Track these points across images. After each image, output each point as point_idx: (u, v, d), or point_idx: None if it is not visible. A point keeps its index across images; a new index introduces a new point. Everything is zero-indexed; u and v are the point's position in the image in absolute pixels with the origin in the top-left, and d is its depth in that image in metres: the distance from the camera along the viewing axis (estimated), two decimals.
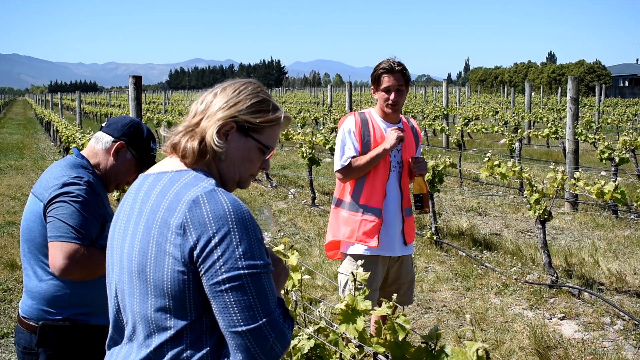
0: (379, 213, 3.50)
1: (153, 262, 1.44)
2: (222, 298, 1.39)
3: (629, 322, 4.84)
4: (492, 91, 79.51)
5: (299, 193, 10.99)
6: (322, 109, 27.39)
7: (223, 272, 1.38)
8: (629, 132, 10.97)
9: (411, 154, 3.63)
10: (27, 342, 2.30)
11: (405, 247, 3.63)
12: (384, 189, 3.52)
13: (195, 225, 1.40)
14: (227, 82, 1.64)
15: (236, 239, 1.40)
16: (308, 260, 6.78)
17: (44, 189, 2.27)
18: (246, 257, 1.40)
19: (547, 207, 5.64)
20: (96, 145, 2.43)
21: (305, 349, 2.18)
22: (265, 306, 1.41)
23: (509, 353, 4.42)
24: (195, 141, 1.54)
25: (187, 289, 1.43)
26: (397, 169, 3.58)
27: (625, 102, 36.89)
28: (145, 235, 1.46)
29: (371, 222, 3.50)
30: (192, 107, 1.61)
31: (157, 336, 1.46)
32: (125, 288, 1.51)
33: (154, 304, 1.45)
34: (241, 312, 1.38)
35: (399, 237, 3.58)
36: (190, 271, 1.42)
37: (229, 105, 1.56)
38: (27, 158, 17.70)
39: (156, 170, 1.58)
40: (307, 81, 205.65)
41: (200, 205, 1.42)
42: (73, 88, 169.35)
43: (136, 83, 5.69)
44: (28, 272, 2.33)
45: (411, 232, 3.66)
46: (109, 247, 1.62)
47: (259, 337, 1.39)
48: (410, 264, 3.73)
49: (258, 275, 1.41)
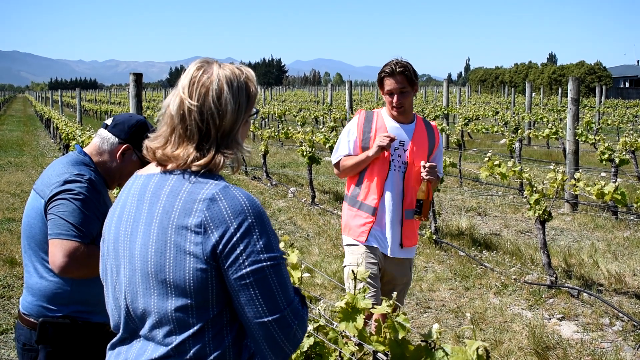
0: (374, 211, 3.49)
1: (172, 263, 1.45)
2: (247, 290, 1.43)
3: (627, 323, 4.85)
4: (492, 91, 79.51)
5: (298, 192, 10.99)
6: (322, 108, 27.40)
7: (247, 265, 1.42)
8: (629, 134, 10.97)
9: (422, 156, 3.52)
10: (27, 339, 2.30)
11: (402, 249, 3.55)
12: (381, 188, 3.49)
13: (215, 223, 1.43)
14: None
15: (256, 233, 1.44)
16: (308, 258, 6.78)
17: (45, 186, 2.26)
18: (267, 250, 1.45)
19: (546, 207, 5.64)
20: (101, 145, 2.42)
21: (304, 346, 2.18)
22: (287, 295, 1.47)
23: (508, 353, 4.42)
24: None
25: (209, 286, 1.45)
26: (401, 169, 3.51)
27: (626, 103, 36.90)
28: (161, 236, 1.47)
29: (364, 219, 3.50)
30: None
31: (179, 334, 1.47)
32: (138, 289, 1.51)
33: (174, 303, 1.46)
34: (266, 303, 1.44)
35: (395, 238, 3.52)
36: (212, 268, 1.44)
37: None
38: (27, 155, 17.69)
39: (159, 170, 1.56)
40: (308, 80, 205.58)
41: (217, 202, 1.44)
42: (73, 85, 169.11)
43: (137, 80, 5.69)
44: (29, 269, 2.33)
45: (410, 235, 3.57)
46: (110, 248, 1.59)
47: (284, 326, 1.45)
48: (407, 268, 3.66)
49: (278, 266, 1.46)
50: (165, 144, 1.54)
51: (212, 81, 1.52)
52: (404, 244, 3.54)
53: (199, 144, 1.51)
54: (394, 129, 3.52)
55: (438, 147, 3.65)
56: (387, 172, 3.49)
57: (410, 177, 3.51)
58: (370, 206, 3.49)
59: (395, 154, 3.50)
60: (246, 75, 1.58)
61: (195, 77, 1.53)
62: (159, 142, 1.55)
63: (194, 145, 1.50)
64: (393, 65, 3.41)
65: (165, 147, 1.53)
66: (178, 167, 1.52)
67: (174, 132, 1.52)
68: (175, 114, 1.52)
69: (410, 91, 3.47)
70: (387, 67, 3.43)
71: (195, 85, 1.51)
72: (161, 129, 1.56)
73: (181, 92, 1.52)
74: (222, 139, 1.52)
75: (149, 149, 1.56)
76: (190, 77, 1.53)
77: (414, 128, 3.56)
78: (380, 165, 3.48)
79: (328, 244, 7.37)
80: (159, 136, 1.56)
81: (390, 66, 3.42)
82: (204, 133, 1.51)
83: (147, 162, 2.43)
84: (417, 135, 3.54)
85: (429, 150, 3.58)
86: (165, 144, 1.54)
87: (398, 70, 3.40)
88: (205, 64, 1.56)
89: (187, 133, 1.51)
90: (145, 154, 1.58)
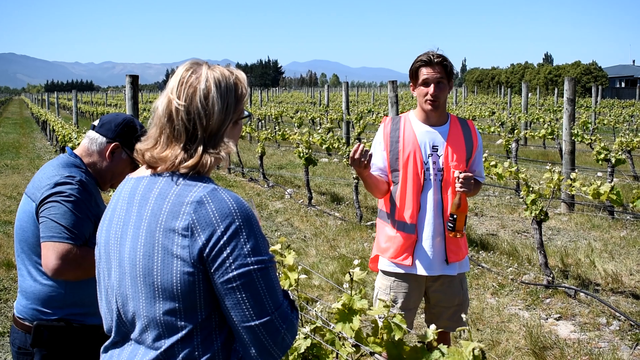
0: (413, 229, 3.15)
1: (160, 266, 1.44)
2: (234, 294, 1.42)
3: (624, 323, 4.85)
4: (488, 92, 79.62)
5: (295, 193, 10.98)
6: (319, 109, 27.39)
7: (234, 268, 1.41)
8: (625, 133, 10.99)
9: (460, 160, 3.16)
10: (22, 342, 2.29)
11: (447, 265, 3.18)
12: (417, 201, 3.14)
13: (202, 226, 1.42)
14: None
15: (244, 236, 1.43)
16: (305, 260, 6.77)
17: (37, 189, 2.25)
18: (254, 253, 1.43)
19: (543, 207, 5.64)
20: (90, 145, 2.41)
21: (301, 348, 2.18)
22: (275, 299, 1.46)
23: (505, 353, 4.42)
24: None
25: (197, 290, 1.44)
26: (437, 177, 3.16)
27: (622, 103, 36.97)
28: (149, 239, 1.46)
29: (405, 239, 3.16)
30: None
31: (167, 337, 1.46)
32: (128, 293, 1.50)
33: (162, 306, 1.45)
34: (253, 307, 1.42)
35: (439, 255, 3.17)
36: (199, 271, 1.43)
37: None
38: (23, 157, 17.65)
39: (148, 173, 1.56)
40: (304, 81, 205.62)
41: (205, 205, 1.43)
42: (69, 87, 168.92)
43: (133, 82, 5.68)
44: (22, 272, 2.32)
45: (456, 249, 3.20)
46: (102, 251, 1.60)
47: (272, 330, 1.44)
48: (458, 285, 3.27)
49: (266, 270, 1.45)
50: (155, 145, 1.53)
51: (200, 81, 1.51)
52: (450, 259, 3.18)
53: (186, 145, 1.50)
54: (424, 134, 3.18)
55: (477, 147, 3.26)
56: (423, 183, 3.15)
57: (448, 184, 3.17)
58: (410, 224, 3.15)
59: (429, 161, 3.15)
60: (236, 76, 1.58)
61: (184, 77, 1.52)
62: (148, 144, 1.54)
63: (181, 145, 1.49)
64: (431, 55, 3.11)
65: (154, 149, 1.53)
66: (167, 169, 1.51)
67: (162, 133, 1.52)
68: (162, 114, 1.52)
69: (447, 85, 3.14)
70: (424, 56, 3.12)
71: (183, 86, 1.51)
72: (151, 130, 1.55)
73: (169, 93, 1.52)
74: (210, 139, 1.51)
75: (139, 151, 1.56)
76: (179, 78, 1.53)
77: (448, 129, 3.20)
78: (414, 175, 3.14)
79: (325, 245, 7.36)
80: (148, 138, 1.55)
81: (428, 55, 3.11)
82: (190, 133, 1.49)
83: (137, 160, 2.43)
84: (452, 137, 3.18)
85: (467, 152, 3.21)
86: (154, 145, 1.53)
87: (436, 60, 3.10)
88: (194, 65, 1.56)
89: (174, 133, 1.50)
90: (135, 156, 1.57)
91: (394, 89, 8.58)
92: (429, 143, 3.16)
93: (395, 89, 8.58)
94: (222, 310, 1.47)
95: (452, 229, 3.11)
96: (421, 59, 3.13)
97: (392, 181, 3.22)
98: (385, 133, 3.23)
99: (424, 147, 3.15)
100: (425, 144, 3.16)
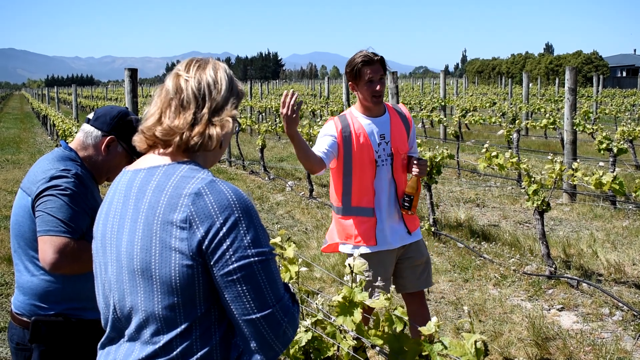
0: (372, 212, 3.44)
1: (158, 259, 1.42)
2: (234, 287, 1.40)
3: (627, 313, 4.84)
4: (489, 82, 79.43)
5: (296, 185, 10.97)
6: (320, 101, 27.34)
7: (234, 261, 1.39)
8: (627, 123, 10.96)
9: (403, 142, 3.52)
10: (20, 338, 2.28)
11: (410, 235, 3.54)
12: (372, 187, 3.44)
13: (201, 218, 1.40)
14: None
15: (243, 228, 1.41)
16: (306, 252, 6.76)
17: (32, 183, 2.23)
18: (255, 245, 1.41)
19: (545, 198, 5.62)
20: (85, 139, 2.39)
21: (303, 341, 2.16)
22: (276, 291, 1.44)
23: (508, 344, 4.41)
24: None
25: (196, 283, 1.42)
26: (387, 162, 3.47)
27: (623, 92, 36.85)
28: (147, 232, 1.44)
29: (365, 224, 3.43)
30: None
31: (166, 332, 1.44)
32: (125, 287, 1.48)
33: (161, 301, 1.43)
34: (254, 300, 1.40)
35: (400, 229, 3.50)
36: (198, 264, 1.41)
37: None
38: (24, 152, 17.65)
39: (146, 165, 1.54)
40: (305, 73, 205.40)
41: (203, 197, 1.41)
42: (70, 82, 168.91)
43: (132, 76, 5.65)
44: (19, 268, 2.31)
45: (412, 220, 3.57)
46: (99, 246, 1.58)
47: (273, 323, 1.42)
48: (422, 247, 3.62)
49: (267, 262, 1.43)
50: (160, 118, 1.53)
51: (208, 64, 1.59)
52: (411, 230, 3.54)
53: (195, 113, 1.52)
54: (371, 126, 3.46)
55: (412, 126, 3.64)
56: (375, 169, 3.44)
57: (398, 166, 3.51)
58: (368, 208, 3.44)
59: (379, 149, 3.45)
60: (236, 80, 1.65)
61: (191, 61, 1.60)
62: (152, 120, 1.54)
63: (191, 112, 1.51)
64: (370, 54, 3.34)
65: (161, 122, 1.52)
66: (179, 145, 1.50)
67: (170, 105, 1.53)
68: (171, 88, 1.54)
69: (385, 80, 3.45)
70: (363, 56, 3.34)
71: (192, 66, 1.57)
72: (151, 110, 1.56)
73: (177, 70, 1.57)
74: (214, 112, 1.53)
75: (143, 131, 1.55)
76: (187, 62, 1.60)
77: (389, 118, 3.52)
78: (369, 164, 3.42)
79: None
80: (150, 116, 1.55)
81: (367, 55, 3.34)
82: (199, 102, 1.52)
83: (133, 153, 2.40)
84: (394, 124, 3.52)
85: (407, 134, 3.58)
86: (159, 119, 1.53)
87: (376, 58, 3.35)
88: (199, 58, 1.63)
89: (183, 103, 1.52)
90: (140, 139, 1.56)
91: (395, 80, 8.56)
92: (377, 133, 3.46)
93: (395, 80, 8.56)
94: (222, 304, 1.45)
95: (409, 208, 3.48)
96: (361, 60, 3.34)
97: (343, 173, 3.44)
98: (337, 129, 3.42)
99: (373, 138, 3.44)
100: (373, 134, 3.45)
